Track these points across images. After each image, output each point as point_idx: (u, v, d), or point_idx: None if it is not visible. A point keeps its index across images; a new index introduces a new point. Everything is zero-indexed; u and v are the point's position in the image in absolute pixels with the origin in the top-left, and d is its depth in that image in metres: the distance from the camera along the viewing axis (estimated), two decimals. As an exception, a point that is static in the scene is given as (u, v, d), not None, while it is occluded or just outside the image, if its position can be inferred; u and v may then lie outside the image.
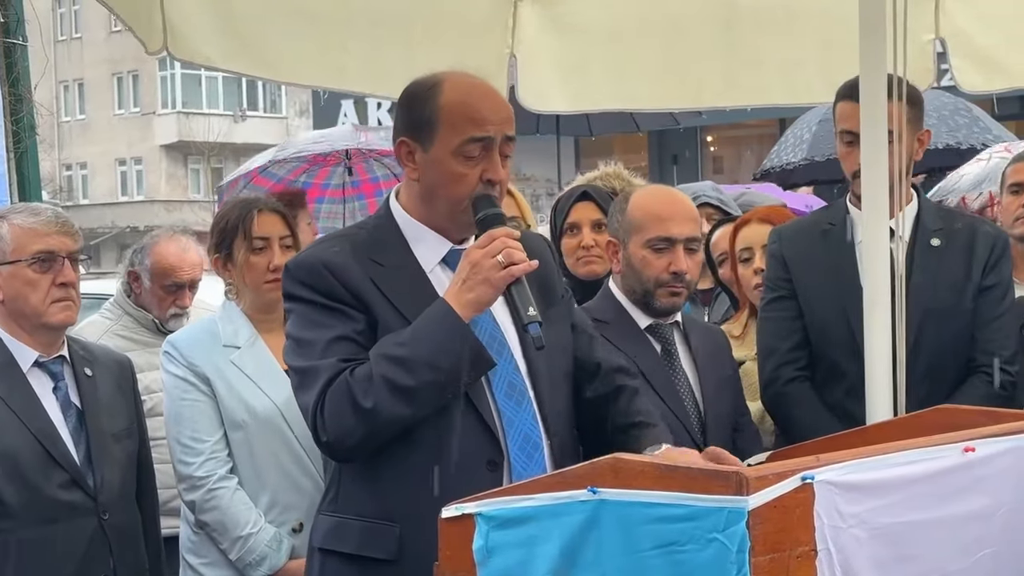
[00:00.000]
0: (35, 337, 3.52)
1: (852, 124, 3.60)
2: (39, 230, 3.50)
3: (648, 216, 3.56)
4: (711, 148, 24.69)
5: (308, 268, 2.84)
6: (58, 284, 3.50)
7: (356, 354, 2.76)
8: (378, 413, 2.67)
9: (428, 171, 2.86)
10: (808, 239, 3.87)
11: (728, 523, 1.95)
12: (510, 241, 2.75)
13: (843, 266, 3.74)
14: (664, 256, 3.52)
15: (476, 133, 2.81)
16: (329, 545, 2.86)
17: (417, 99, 2.88)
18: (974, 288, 3.67)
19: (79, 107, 48.80)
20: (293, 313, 2.88)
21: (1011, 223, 4.58)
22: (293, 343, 2.85)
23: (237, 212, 3.93)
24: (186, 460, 3.81)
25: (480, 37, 4.79)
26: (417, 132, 2.86)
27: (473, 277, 2.74)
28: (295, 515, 3.83)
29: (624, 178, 5.26)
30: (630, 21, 4.94)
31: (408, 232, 2.91)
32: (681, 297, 3.59)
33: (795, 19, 4.87)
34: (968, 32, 4.87)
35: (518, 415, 2.86)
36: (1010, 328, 3.74)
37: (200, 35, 3.94)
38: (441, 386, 2.73)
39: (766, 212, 4.70)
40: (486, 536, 2.26)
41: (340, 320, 2.78)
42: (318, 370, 2.74)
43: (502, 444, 2.81)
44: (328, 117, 24.65)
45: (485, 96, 2.89)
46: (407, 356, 2.70)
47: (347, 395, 2.69)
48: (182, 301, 4.68)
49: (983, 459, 2.27)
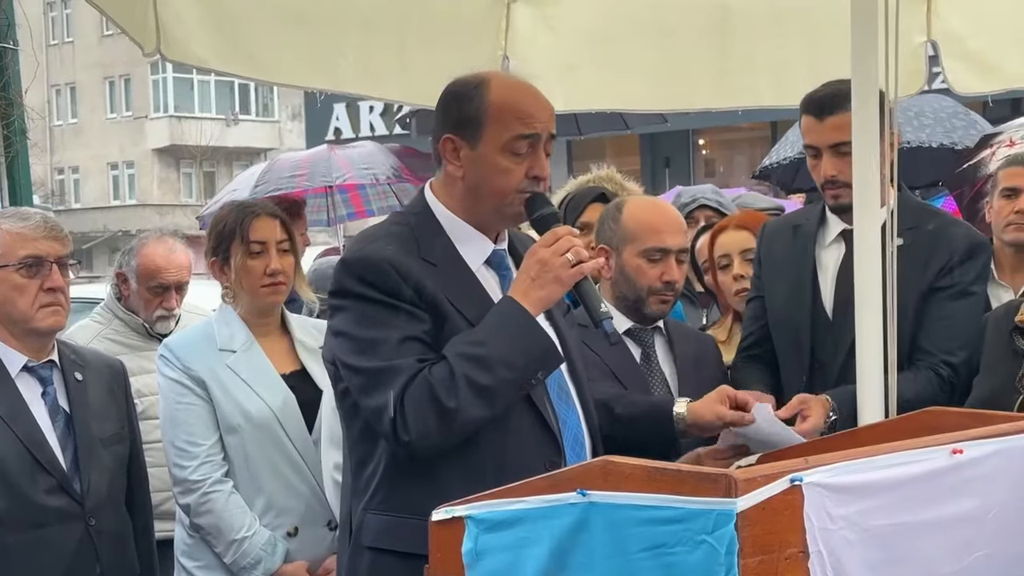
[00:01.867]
0: (24, 342, 3.51)
1: (812, 138, 3.66)
2: (27, 235, 3.49)
3: (643, 227, 3.66)
4: (703, 151, 24.70)
5: (372, 266, 2.79)
6: (46, 289, 3.48)
7: (427, 354, 2.76)
8: (461, 412, 2.69)
9: (475, 167, 2.88)
10: (782, 237, 3.89)
11: (717, 525, 1.95)
12: (575, 240, 2.81)
13: (802, 267, 3.76)
14: (658, 266, 3.63)
15: (524, 130, 2.87)
16: (383, 544, 2.84)
17: (464, 97, 2.90)
18: (924, 288, 3.59)
19: (71, 111, 48.80)
20: (348, 311, 2.83)
21: (1002, 228, 4.58)
22: (354, 342, 2.80)
23: (234, 216, 3.93)
24: (181, 464, 3.81)
25: (473, 38, 4.80)
26: (464, 129, 2.88)
27: (544, 275, 2.79)
28: (290, 519, 3.84)
29: (617, 181, 5.26)
30: (622, 22, 4.94)
31: (451, 230, 2.92)
32: (669, 305, 3.70)
33: (786, 21, 4.88)
34: (960, 34, 4.87)
35: (569, 415, 2.94)
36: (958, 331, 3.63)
37: (193, 36, 3.93)
38: (517, 385, 2.77)
39: (743, 218, 4.71)
40: (475, 539, 2.26)
41: (406, 320, 2.77)
42: (394, 370, 2.73)
43: (560, 444, 2.87)
44: (320, 122, 24.66)
45: (531, 94, 2.94)
46: (486, 355, 2.72)
47: (430, 395, 2.69)
48: (168, 303, 4.66)
49: (971, 461, 2.27)
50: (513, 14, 4.85)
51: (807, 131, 3.69)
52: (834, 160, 3.60)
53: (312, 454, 3.85)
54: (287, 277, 3.93)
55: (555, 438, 2.87)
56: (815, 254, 3.76)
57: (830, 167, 3.62)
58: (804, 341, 3.70)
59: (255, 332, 3.93)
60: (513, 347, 2.75)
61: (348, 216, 10.44)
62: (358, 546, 2.91)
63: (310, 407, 3.88)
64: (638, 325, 3.69)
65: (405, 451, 2.74)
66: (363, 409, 2.81)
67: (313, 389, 3.91)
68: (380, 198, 10.18)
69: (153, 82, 45.95)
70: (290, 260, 3.96)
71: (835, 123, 3.57)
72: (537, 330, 2.79)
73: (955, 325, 3.62)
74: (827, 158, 3.62)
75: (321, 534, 3.86)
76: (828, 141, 3.61)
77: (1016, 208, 4.54)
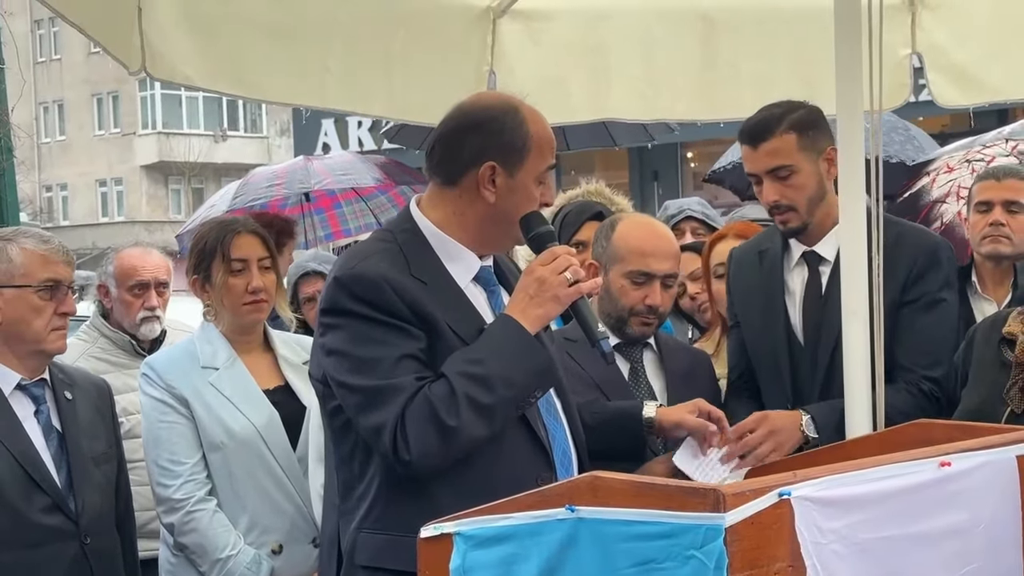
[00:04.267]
0: (25, 362, 3.52)
1: (750, 167, 3.64)
2: (49, 257, 3.51)
3: (631, 249, 3.67)
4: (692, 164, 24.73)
5: (368, 284, 2.78)
6: (59, 313, 3.51)
7: (423, 372, 2.76)
8: (463, 431, 2.69)
9: (511, 195, 2.89)
10: (749, 262, 3.86)
11: (706, 540, 1.95)
12: (573, 259, 2.82)
13: (772, 293, 3.72)
14: (642, 289, 3.63)
15: (552, 160, 2.94)
16: (379, 563, 2.83)
17: (506, 125, 2.89)
18: (891, 307, 3.52)
19: (59, 128, 48.72)
20: (343, 329, 2.81)
21: (978, 241, 4.59)
22: (350, 361, 2.78)
23: (215, 234, 3.91)
24: (165, 482, 3.79)
25: (459, 53, 4.81)
26: (507, 157, 2.88)
27: (542, 293, 2.80)
28: (274, 536, 3.82)
29: (606, 195, 5.26)
30: (607, 35, 4.96)
31: (438, 247, 2.92)
32: (652, 327, 3.70)
33: (770, 34, 4.90)
34: (944, 47, 4.89)
35: (557, 431, 2.96)
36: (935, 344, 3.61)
37: (179, 54, 3.93)
38: (516, 403, 2.78)
39: (742, 227, 4.72)
40: (464, 555, 2.26)
41: (403, 338, 2.77)
42: (393, 389, 2.72)
43: (551, 459, 2.88)
44: (309, 137, 24.64)
45: (548, 124, 2.99)
46: (487, 374, 2.72)
47: (431, 414, 2.69)
48: (150, 302, 4.65)
49: (959, 473, 2.27)
50: (499, 29, 4.86)
51: (745, 160, 3.67)
52: (775, 185, 3.58)
53: (296, 471, 3.84)
54: (269, 294, 3.91)
55: (546, 453, 2.88)
56: (783, 279, 3.74)
57: (771, 192, 3.59)
58: (783, 367, 3.67)
59: (237, 349, 3.91)
60: (513, 366, 2.75)
61: (326, 237, 10.40)
62: (352, 566, 2.89)
63: (294, 423, 3.87)
64: (624, 342, 3.69)
65: (404, 470, 2.73)
66: (360, 428, 2.80)
67: (297, 404, 3.89)
68: (357, 216, 10.12)
69: (141, 99, 45.88)
70: (272, 277, 3.93)
71: (768, 149, 3.56)
72: (537, 348, 2.80)
73: (931, 338, 3.59)
74: (767, 184, 3.59)
75: (306, 551, 3.84)
76: (765, 167, 3.59)
77: (989, 221, 4.54)
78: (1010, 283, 4.58)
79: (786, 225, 3.64)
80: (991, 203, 4.56)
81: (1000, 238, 4.53)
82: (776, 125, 3.56)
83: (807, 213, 3.58)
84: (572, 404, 3.06)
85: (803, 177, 3.52)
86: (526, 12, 4.89)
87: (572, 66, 4.97)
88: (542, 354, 2.81)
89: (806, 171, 3.50)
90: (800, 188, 3.55)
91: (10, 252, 3.48)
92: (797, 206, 3.58)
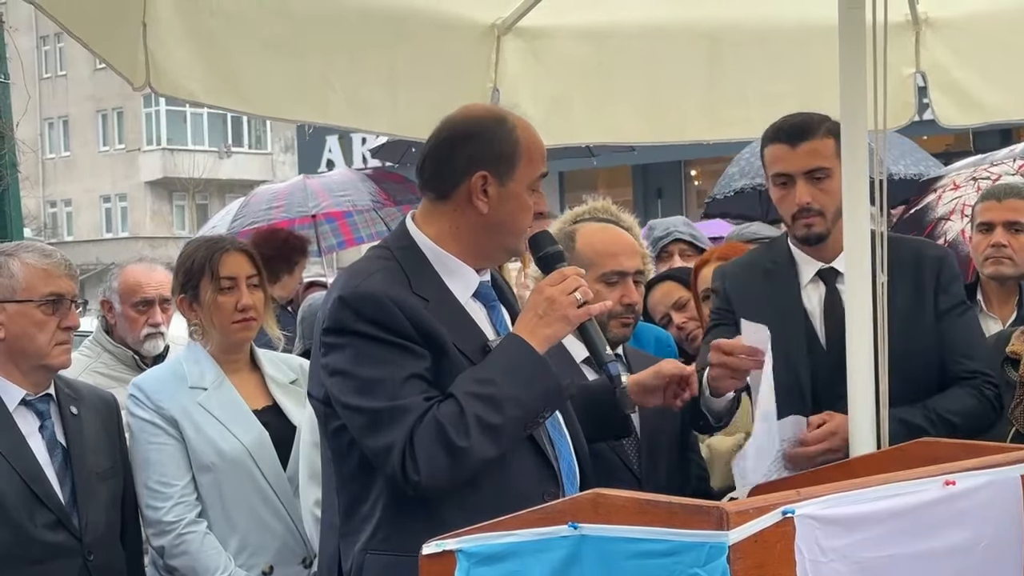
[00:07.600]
0: (29, 377, 3.52)
1: (784, 166, 3.60)
2: (51, 271, 3.51)
3: (599, 252, 3.71)
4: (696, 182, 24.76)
5: (373, 302, 2.76)
6: (63, 327, 3.50)
7: (430, 392, 2.74)
8: (472, 451, 2.69)
9: (503, 205, 2.89)
10: (751, 276, 3.80)
11: (709, 558, 1.94)
12: (582, 280, 2.83)
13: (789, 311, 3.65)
14: (617, 289, 3.68)
15: (543, 168, 2.95)
16: None
17: (496, 134, 2.90)
18: (930, 320, 3.56)
19: (64, 144, 48.86)
20: (347, 348, 2.79)
21: (981, 262, 4.59)
22: (355, 381, 2.76)
23: (203, 252, 3.88)
24: (155, 505, 3.74)
25: (463, 70, 4.80)
26: (498, 166, 2.88)
27: (551, 313, 2.80)
28: (265, 558, 3.78)
29: (612, 212, 5.25)
30: (612, 54, 4.96)
31: (437, 263, 2.91)
32: (631, 328, 3.75)
33: (776, 53, 4.90)
34: (945, 66, 4.89)
35: (563, 446, 2.96)
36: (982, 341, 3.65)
37: (183, 70, 3.93)
38: (525, 423, 2.77)
39: (724, 250, 4.72)
40: (467, 572, 2.25)
41: (408, 358, 2.75)
42: (401, 409, 2.71)
43: (558, 475, 2.88)
44: (313, 153, 24.70)
45: (537, 133, 2.99)
46: (496, 394, 2.71)
47: (440, 435, 2.68)
48: (154, 319, 4.65)
49: (964, 492, 2.27)
50: (503, 46, 4.87)
51: (778, 159, 3.62)
52: (808, 187, 3.56)
53: (287, 491, 3.80)
54: (258, 312, 3.87)
55: (552, 469, 2.88)
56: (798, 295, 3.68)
57: (805, 194, 3.56)
58: (805, 384, 3.60)
59: (225, 369, 3.88)
60: (523, 386, 2.75)
61: (338, 245, 10.44)
62: None
63: (284, 443, 3.83)
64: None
65: (413, 491, 2.72)
66: (366, 449, 2.78)
67: (286, 424, 3.87)
68: (368, 225, 10.18)
69: (146, 115, 46.00)
70: (260, 295, 3.89)
71: (808, 149, 3.55)
72: (546, 369, 2.79)
73: (978, 340, 3.65)
74: (801, 185, 3.57)
75: (296, 572, 3.80)
76: (803, 167, 3.56)
77: (991, 242, 4.55)
78: (1015, 302, 4.59)
79: (810, 229, 3.59)
80: (992, 224, 4.56)
81: (1002, 259, 4.53)
82: (817, 127, 3.54)
83: (832, 222, 3.55)
84: (573, 417, 3.06)
85: (835, 183, 3.46)
86: (531, 30, 4.89)
87: (576, 85, 4.97)
88: (551, 375, 2.80)
89: (837, 179, 3.42)
90: (832, 194, 3.51)
91: (12, 267, 3.48)
92: (825, 212, 3.56)
